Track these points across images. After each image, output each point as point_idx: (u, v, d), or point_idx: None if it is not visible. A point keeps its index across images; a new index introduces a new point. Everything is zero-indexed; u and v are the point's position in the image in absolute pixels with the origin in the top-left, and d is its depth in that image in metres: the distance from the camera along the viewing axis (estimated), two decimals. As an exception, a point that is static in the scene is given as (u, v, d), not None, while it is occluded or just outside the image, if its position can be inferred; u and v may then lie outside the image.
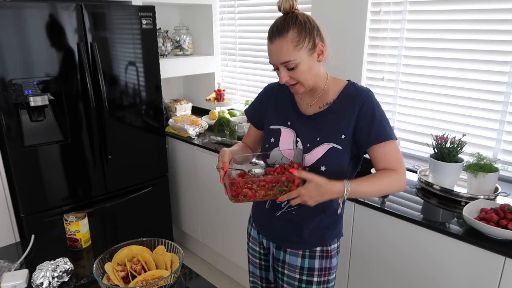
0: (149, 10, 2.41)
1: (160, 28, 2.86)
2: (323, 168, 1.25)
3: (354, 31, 2.25)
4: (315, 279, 1.35)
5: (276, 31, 1.18)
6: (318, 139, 1.26)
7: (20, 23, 1.95)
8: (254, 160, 1.37)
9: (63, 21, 2.08)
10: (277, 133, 1.34)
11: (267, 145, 1.37)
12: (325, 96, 1.30)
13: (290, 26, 1.17)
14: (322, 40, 1.24)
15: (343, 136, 1.25)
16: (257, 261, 1.50)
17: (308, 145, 1.27)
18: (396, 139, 1.27)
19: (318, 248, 1.35)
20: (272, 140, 1.35)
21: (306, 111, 1.32)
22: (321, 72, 1.28)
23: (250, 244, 1.51)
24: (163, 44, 2.88)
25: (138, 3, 2.56)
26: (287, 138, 1.33)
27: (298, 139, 1.31)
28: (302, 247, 1.35)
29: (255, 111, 1.47)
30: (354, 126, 1.24)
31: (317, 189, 1.13)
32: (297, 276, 1.36)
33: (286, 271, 1.38)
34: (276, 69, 1.23)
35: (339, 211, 1.37)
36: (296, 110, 1.34)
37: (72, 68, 2.16)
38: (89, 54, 2.21)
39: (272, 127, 1.37)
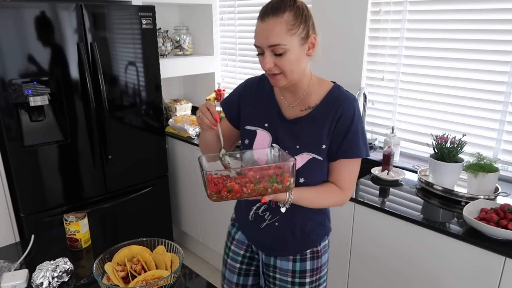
0: (149, 10, 2.41)
1: (160, 28, 2.86)
2: (301, 180, 1.18)
3: (354, 31, 2.25)
4: (307, 280, 1.33)
5: (271, 10, 1.06)
6: (297, 147, 1.18)
7: (20, 23, 1.95)
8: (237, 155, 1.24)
9: (63, 21, 2.08)
10: (252, 135, 1.25)
11: (241, 147, 1.29)
12: (308, 98, 1.21)
13: (287, 7, 1.06)
14: (315, 33, 1.13)
15: (324, 146, 1.17)
16: (237, 265, 1.42)
17: (286, 152, 1.17)
18: (367, 156, 1.20)
19: (308, 251, 1.31)
20: (246, 142, 1.27)
21: (287, 112, 1.22)
22: (307, 70, 1.19)
23: (233, 247, 1.42)
24: (163, 44, 2.88)
25: (138, 3, 2.56)
26: (262, 142, 1.23)
27: (274, 144, 1.21)
28: (292, 253, 1.31)
29: (232, 106, 1.33)
30: (331, 134, 1.17)
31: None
32: (290, 279, 1.32)
33: (278, 275, 1.34)
34: (261, 53, 1.11)
35: (328, 208, 1.34)
36: (277, 110, 1.24)
37: (72, 68, 2.16)
38: (89, 54, 2.21)
39: (248, 127, 1.27)
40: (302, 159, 1.18)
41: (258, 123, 1.25)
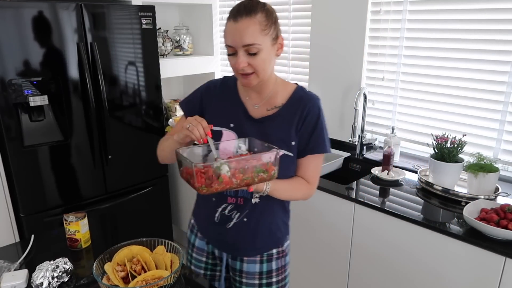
0: (149, 10, 2.41)
1: (160, 28, 2.86)
2: None
3: (354, 31, 2.25)
4: (274, 279, 1.35)
5: (244, 10, 1.09)
6: (266, 145, 1.19)
7: (20, 23, 1.95)
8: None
9: (63, 21, 2.08)
10: (218, 136, 1.26)
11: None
12: (273, 98, 1.24)
13: (259, 8, 1.10)
14: (281, 34, 1.18)
15: (293, 143, 1.22)
16: (202, 271, 1.43)
17: (256, 149, 1.20)
18: (329, 152, 1.29)
19: (274, 251, 1.34)
20: (213, 148, 1.26)
21: (253, 112, 1.25)
22: (273, 72, 1.24)
23: (194, 255, 1.44)
24: (163, 44, 2.87)
25: (138, 3, 2.56)
26: (229, 142, 1.25)
27: (241, 144, 1.23)
28: (260, 252, 1.33)
29: (193, 106, 1.33)
30: (298, 131, 1.23)
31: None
32: (257, 281, 1.34)
33: (244, 280, 1.35)
34: (233, 53, 1.13)
35: (289, 207, 1.38)
36: (243, 110, 1.26)
37: (72, 68, 2.16)
38: (89, 54, 2.21)
39: (213, 128, 1.24)
40: None
41: (223, 124, 1.26)
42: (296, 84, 1.29)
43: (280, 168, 1.18)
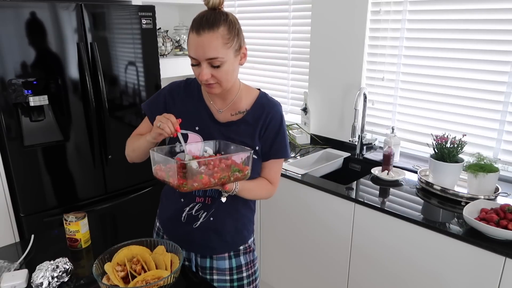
0: (149, 10, 2.41)
1: (160, 28, 2.86)
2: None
3: (354, 31, 2.25)
4: (244, 274, 1.39)
5: (206, 24, 1.09)
6: (232, 147, 1.23)
7: (20, 23, 1.95)
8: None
9: (63, 21, 2.08)
10: (184, 138, 1.26)
11: (173, 150, 1.28)
12: (238, 103, 1.27)
13: (221, 21, 1.10)
14: (245, 45, 1.20)
15: (257, 147, 1.27)
16: None
17: (223, 152, 1.23)
18: (289, 157, 1.39)
19: (241, 247, 1.39)
20: (180, 146, 1.26)
21: (217, 116, 1.28)
22: (237, 78, 1.26)
23: None
24: (163, 44, 2.88)
25: (138, 3, 2.56)
26: (195, 144, 1.27)
27: (207, 147, 1.26)
28: (227, 250, 1.37)
29: (157, 107, 1.32)
30: (261, 137, 1.27)
31: None
32: (228, 277, 1.37)
33: (215, 276, 1.38)
34: (196, 64, 1.14)
35: (254, 207, 1.43)
36: (208, 114, 1.28)
37: (72, 68, 2.16)
38: (89, 54, 2.21)
39: (179, 130, 1.29)
40: None
41: (188, 126, 1.27)
42: (259, 89, 1.33)
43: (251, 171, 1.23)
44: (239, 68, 1.22)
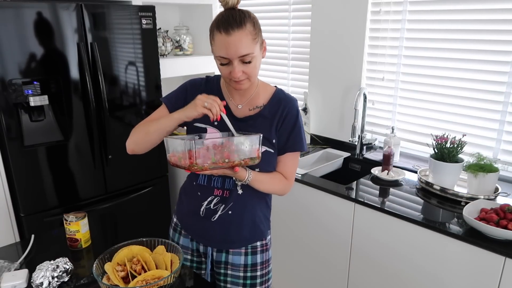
0: (149, 10, 2.41)
1: (160, 28, 2.86)
2: (257, 170, 1.28)
3: (354, 31, 2.25)
4: (258, 273, 1.40)
5: (234, 22, 1.13)
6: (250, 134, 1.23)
7: (20, 23, 1.95)
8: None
9: (63, 21, 2.08)
10: (203, 132, 1.32)
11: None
12: (256, 99, 1.31)
13: (246, 18, 1.15)
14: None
15: (274, 141, 1.29)
16: None
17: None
18: (306, 151, 1.41)
19: (258, 243, 1.39)
20: (197, 138, 1.28)
21: (236, 112, 1.31)
22: None
23: None
24: (163, 44, 2.87)
25: (138, 3, 2.56)
26: (213, 135, 1.30)
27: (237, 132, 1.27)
28: (244, 244, 1.37)
29: (177, 100, 1.33)
30: (278, 130, 1.29)
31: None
32: (241, 274, 1.38)
33: (229, 271, 1.39)
34: (226, 63, 1.17)
35: (270, 203, 1.44)
36: (227, 110, 1.29)
37: (72, 68, 2.16)
38: (89, 54, 2.21)
39: (197, 124, 1.32)
40: None
41: (207, 121, 1.28)
42: (276, 86, 1.35)
43: (262, 163, 1.26)
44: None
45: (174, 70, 2.88)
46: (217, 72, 1.29)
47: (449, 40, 1.95)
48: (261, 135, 1.17)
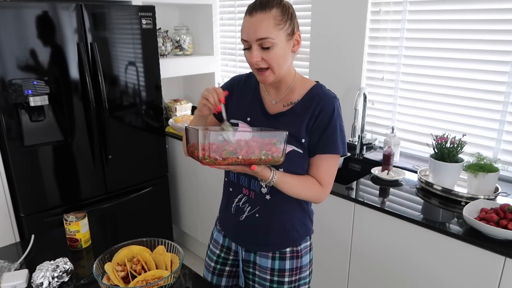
0: (149, 10, 2.41)
1: (160, 28, 2.86)
2: (281, 170, 1.21)
3: (354, 31, 2.25)
4: (286, 279, 1.32)
5: (259, 5, 1.11)
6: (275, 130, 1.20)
7: (20, 23, 1.95)
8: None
9: (63, 21, 2.08)
10: (235, 129, 1.26)
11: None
12: (291, 94, 1.24)
13: (274, 4, 1.11)
14: (299, 31, 1.19)
15: (303, 140, 1.21)
16: (212, 264, 1.44)
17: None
18: (344, 155, 1.24)
19: (288, 249, 1.31)
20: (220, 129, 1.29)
21: (270, 108, 1.26)
22: (291, 68, 1.23)
23: (211, 246, 1.47)
24: (163, 44, 2.88)
25: (138, 3, 2.56)
26: (243, 131, 1.24)
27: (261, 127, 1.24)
28: (272, 249, 1.31)
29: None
30: (310, 129, 1.21)
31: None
32: (268, 277, 1.33)
33: (257, 272, 1.35)
34: (248, 48, 1.14)
35: (310, 208, 1.36)
36: (260, 106, 1.27)
37: (72, 68, 2.16)
38: (89, 54, 2.21)
39: (232, 121, 1.30)
40: None
41: (241, 117, 1.28)
42: (317, 82, 1.27)
43: (289, 164, 1.19)
44: (293, 56, 1.20)
45: (174, 70, 2.89)
46: (218, 72, 1.29)
47: (449, 40, 1.95)
48: (287, 132, 1.10)
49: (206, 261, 1.48)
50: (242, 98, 1.31)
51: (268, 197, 1.25)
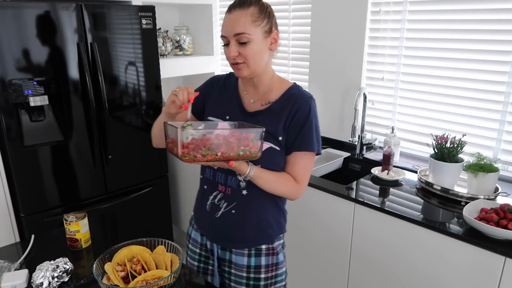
0: (149, 10, 2.41)
1: (160, 28, 2.86)
2: (259, 166, 1.23)
3: (354, 31, 2.25)
4: (262, 275, 1.35)
5: (238, 3, 1.17)
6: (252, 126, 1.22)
7: (20, 23, 1.95)
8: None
9: (63, 21, 2.08)
10: (214, 126, 1.28)
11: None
12: (268, 94, 1.29)
13: (252, 2, 1.17)
14: (277, 30, 1.25)
15: (280, 138, 1.24)
16: (196, 263, 1.46)
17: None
18: (318, 154, 1.28)
19: (263, 246, 1.34)
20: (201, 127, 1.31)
21: (248, 107, 1.30)
22: (269, 67, 1.29)
23: (190, 246, 1.47)
24: (163, 44, 2.87)
25: (138, 3, 2.56)
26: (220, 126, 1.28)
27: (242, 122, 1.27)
28: (247, 245, 1.33)
29: (198, 96, 1.32)
30: (287, 128, 1.24)
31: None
32: (245, 274, 1.35)
33: (233, 271, 1.36)
34: (226, 44, 1.19)
35: (284, 207, 1.38)
36: (238, 104, 1.31)
37: (72, 68, 2.16)
38: (89, 54, 2.21)
39: (210, 118, 1.34)
40: None
41: (220, 115, 1.32)
42: (294, 83, 1.32)
43: (266, 161, 1.23)
44: (271, 55, 1.25)
45: (174, 70, 2.89)
46: (217, 73, 1.30)
47: (449, 40, 1.95)
48: (264, 129, 1.14)
49: (189, 261, 1.48)
50: (222, 97, 1.35)
51: (244, 192, 1.28)
